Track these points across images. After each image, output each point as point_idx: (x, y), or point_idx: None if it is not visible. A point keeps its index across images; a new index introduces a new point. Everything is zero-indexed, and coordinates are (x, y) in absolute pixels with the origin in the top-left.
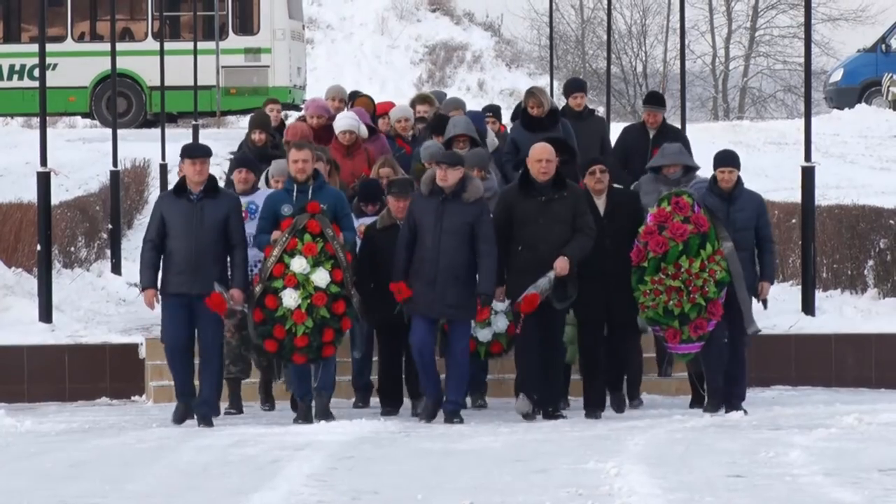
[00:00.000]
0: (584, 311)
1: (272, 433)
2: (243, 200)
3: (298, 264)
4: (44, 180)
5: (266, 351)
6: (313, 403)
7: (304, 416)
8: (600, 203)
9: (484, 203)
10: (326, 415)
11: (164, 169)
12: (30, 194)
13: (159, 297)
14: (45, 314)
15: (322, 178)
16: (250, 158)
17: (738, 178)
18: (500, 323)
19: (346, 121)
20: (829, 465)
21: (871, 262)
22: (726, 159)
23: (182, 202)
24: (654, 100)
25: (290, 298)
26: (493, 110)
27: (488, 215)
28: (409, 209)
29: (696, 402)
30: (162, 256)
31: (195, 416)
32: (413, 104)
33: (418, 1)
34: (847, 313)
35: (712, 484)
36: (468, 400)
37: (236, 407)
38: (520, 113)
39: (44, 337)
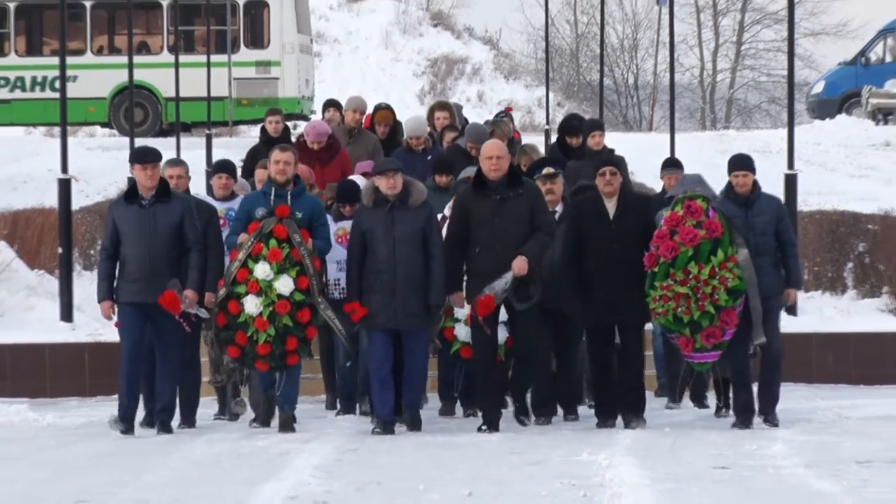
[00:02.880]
0: (592, 317)
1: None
2: (222, 206)
3: (262, 270)
4: (65, 186)
5: (228, 357)
6: (276, 412)
7: (263, 418)
8: (610, 206)
9: (430, 206)
10: (287, 428)
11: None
12: (51, 200)
13: (115, 308)
14: (67, 314)
15: (303, 185)
16: (230, 164)
17: (755, 182)
18: (462, 332)
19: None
20: (809, 457)
21: (850, 265)
22: (740, 163)
23: (134, 208)
24: (673, 163)
25: (252, 305)
26: (509, 117)
27: (435, 219)
28: (356, 223)
29: (723, 408)
30: (117, 265)
31: (151, 424)
32: (432, 111)
33: (421, 16)
34: (827, 313)
35: (699, 475)
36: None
37: (224, 412)
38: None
39: (65, 335)
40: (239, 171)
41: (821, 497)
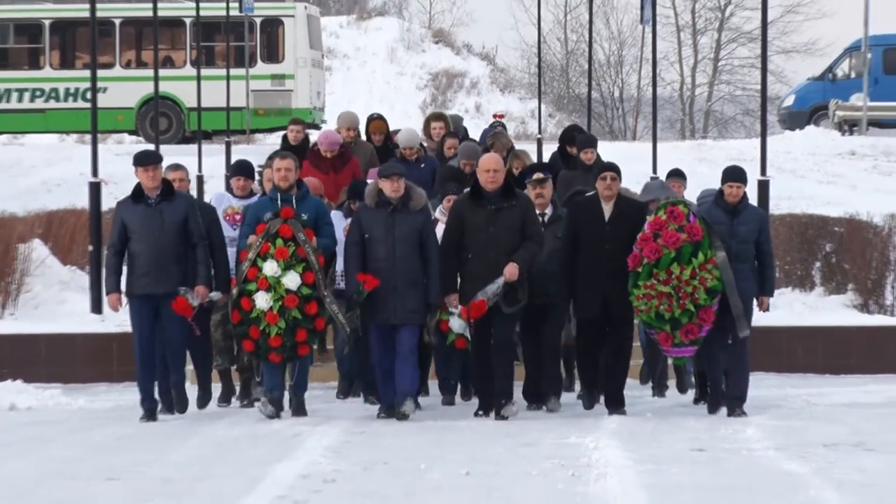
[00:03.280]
0: (583, 313)
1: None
2: (240, 204)
3: (270, 268)
4: (95, 189)
5: (243, 350)
6: (287, 400)
7: (273, 411)
8: (607, 209)
9: (428, 211)
10: (301, 411)
11: (200, 179)
12: (83, 201)
13: (123, 299)
14: (96, 306)
15: (306, 188)
16: (248, 166)
17: (744, 194)
18: (456, 324)
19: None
20: (780, 440)
21: (818, 264)
22: (735, 175)
23: (141, 207)
24: (677, 173)
25: (263, 300)
26: (502, 124)
27: (432, 224)
28: (356, 221)
29: (700, 399)
30: (125, 260)
31: (166, 407)
32: (428, 121)
33: (423, 34)
34: (797, 309)
35: (678, 457)
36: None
37: (227, 399)
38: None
39: (95, 326)
40: (258, 175)
41: (790, 477)
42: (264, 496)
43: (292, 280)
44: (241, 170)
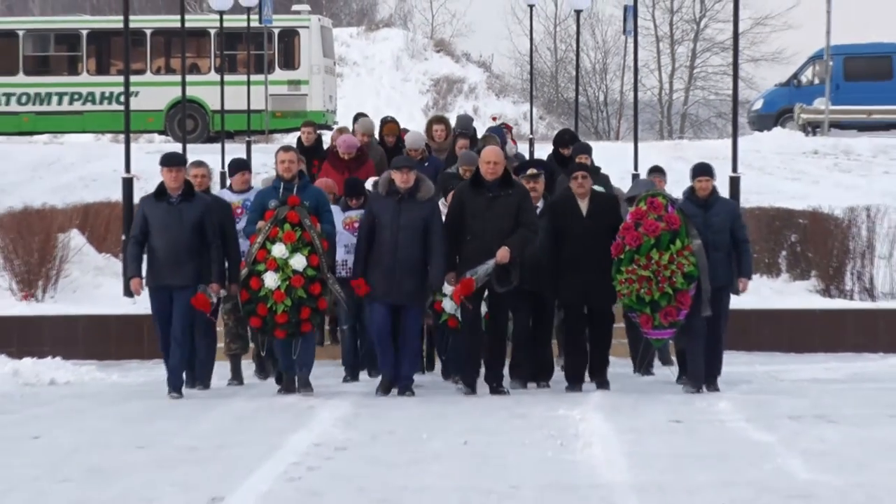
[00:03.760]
0: (566, 297)
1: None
2: (240, 198)
3: (278, 250)
4: (127, 184)
5: (251, 327)
6: (295, 377)
7: (287, 388)
8: (583, 205)
9: (435, 201)
10: (306, 386)
11: (223, 175)
12: (116, 195)
13: (143, 284)
14: (128, 290)
15: (307, 178)
16: (246, 162)
17: (714, 187)
18: (449, 305)
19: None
20: (750, 413)
21: (784, 253)
22: (703, 170)
23: (162, 205)
24: (658, 169)
25: (271, 280)
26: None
27: (439, 214)
28: (368, 207)
29: (681, 377)
30: (145, 252)
31: (192, 384)
32: (430, 124)
33: (426, 43)
34: (764, 293)
35: (656, 427)
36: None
37: (238, 379)
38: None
39: (127, 308)
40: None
41: (759, 446)
42: (281, 462)
43: (299, 262)
44: (242, 165)
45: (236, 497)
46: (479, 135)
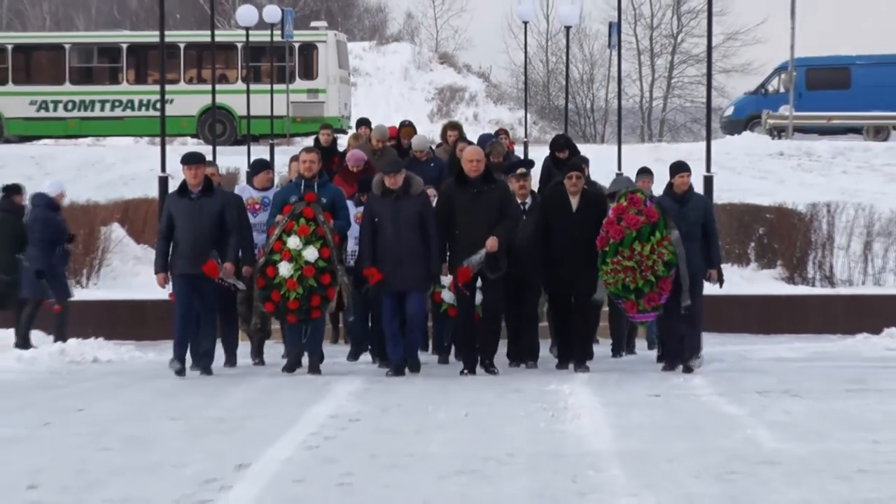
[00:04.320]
0: (554, 287)
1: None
2: (261, 194)
3: (293, 242)
4: (163, 182)
5: (264, 312)
6: (304, 361)
7: (290, 367)
8: (574, 201)
9: (426, 195)
10: (315, 370)
11: (249, 175)
12: (153, 192)
13: (169, 277)
14: None
15: (326, 178)
16: (267, 162)
17: (690, 184)
18: (448, 296)
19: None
20: (721, 388)
21: (752, 244)
22: (682, 167)
23: (185, 201)
24: (645, 170)
25: (285, 269)
26: (505, 132)
27: (431, 206)
28: (367, 207)
29: (662, 357)
30: (171, 244)
31: (198, 367)
32: (445, 129)
33: (431, 56)
34: (735, 280)
35: (637, 401)
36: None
37: (260, 358)
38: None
39: (162, 294)
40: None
41: (730, 418)
42: (301, 432)
43: (311, 253)
44: (264, 165)
45: (260, 463)
46: (473, 139)
